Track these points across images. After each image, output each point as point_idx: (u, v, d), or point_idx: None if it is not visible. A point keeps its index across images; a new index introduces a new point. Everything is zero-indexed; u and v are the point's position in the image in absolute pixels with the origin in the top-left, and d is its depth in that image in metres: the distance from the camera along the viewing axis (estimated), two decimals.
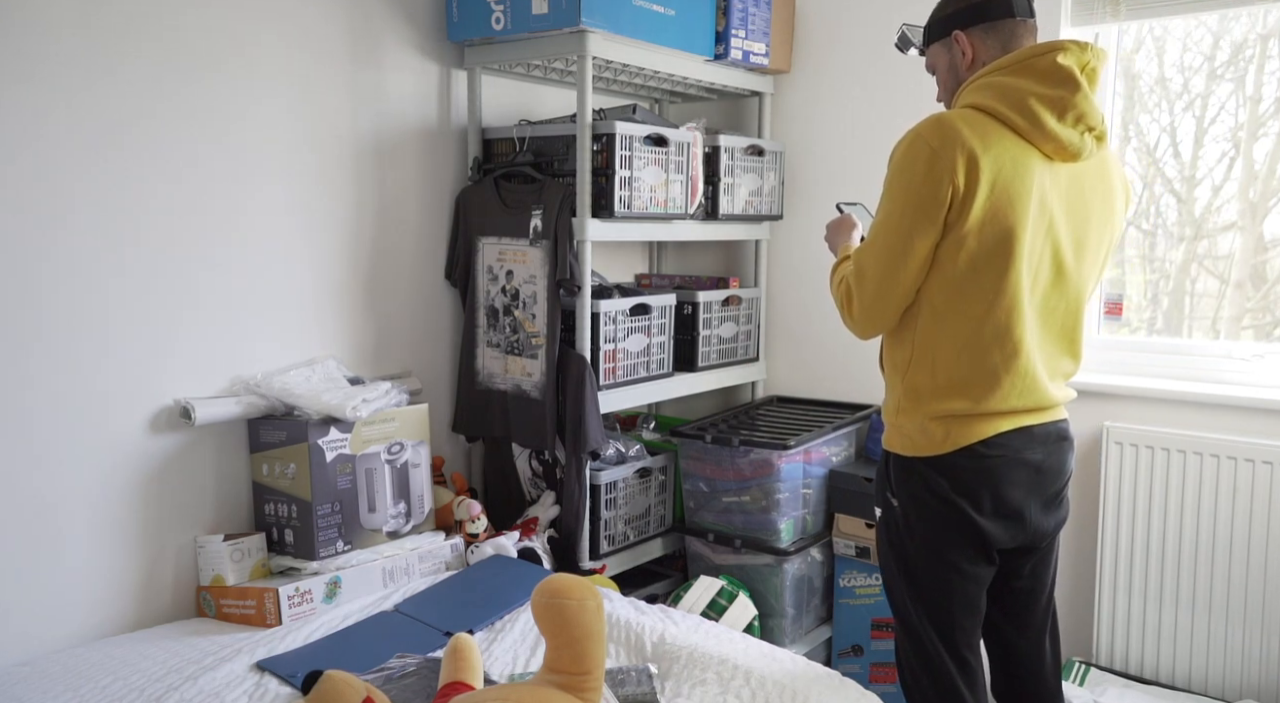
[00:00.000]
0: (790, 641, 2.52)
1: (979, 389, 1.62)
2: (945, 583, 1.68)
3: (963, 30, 1.69)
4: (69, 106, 1.88)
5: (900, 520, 1.71)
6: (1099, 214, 1.67)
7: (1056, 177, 1.60)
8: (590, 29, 2.28)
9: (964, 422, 1.63)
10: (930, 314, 1.63)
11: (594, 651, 1.44)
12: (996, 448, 1.63)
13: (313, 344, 2.32)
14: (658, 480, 2.71)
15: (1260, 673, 2.28)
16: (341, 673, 1.50)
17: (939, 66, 1.76)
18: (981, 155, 1.53)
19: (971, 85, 1.65)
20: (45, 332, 1.87)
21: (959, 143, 1.53)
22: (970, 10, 1.68)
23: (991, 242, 1.56)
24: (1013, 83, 1.59)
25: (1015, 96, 1.57)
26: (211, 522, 2.15)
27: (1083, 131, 1.60)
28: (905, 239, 1.58)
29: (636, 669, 1.78)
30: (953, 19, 1.71)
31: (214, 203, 2.11)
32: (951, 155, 1.53)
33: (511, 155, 2.52)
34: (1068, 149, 1.58)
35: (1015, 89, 1.58)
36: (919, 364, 1.66)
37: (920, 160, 1.55)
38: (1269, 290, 2.52)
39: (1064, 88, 1.57)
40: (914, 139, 1.58)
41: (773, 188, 2.92)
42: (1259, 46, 2.47)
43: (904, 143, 1.60)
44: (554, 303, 2.38)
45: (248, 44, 2.13)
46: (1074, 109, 1.57)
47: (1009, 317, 1.59)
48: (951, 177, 1.53)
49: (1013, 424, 1.64)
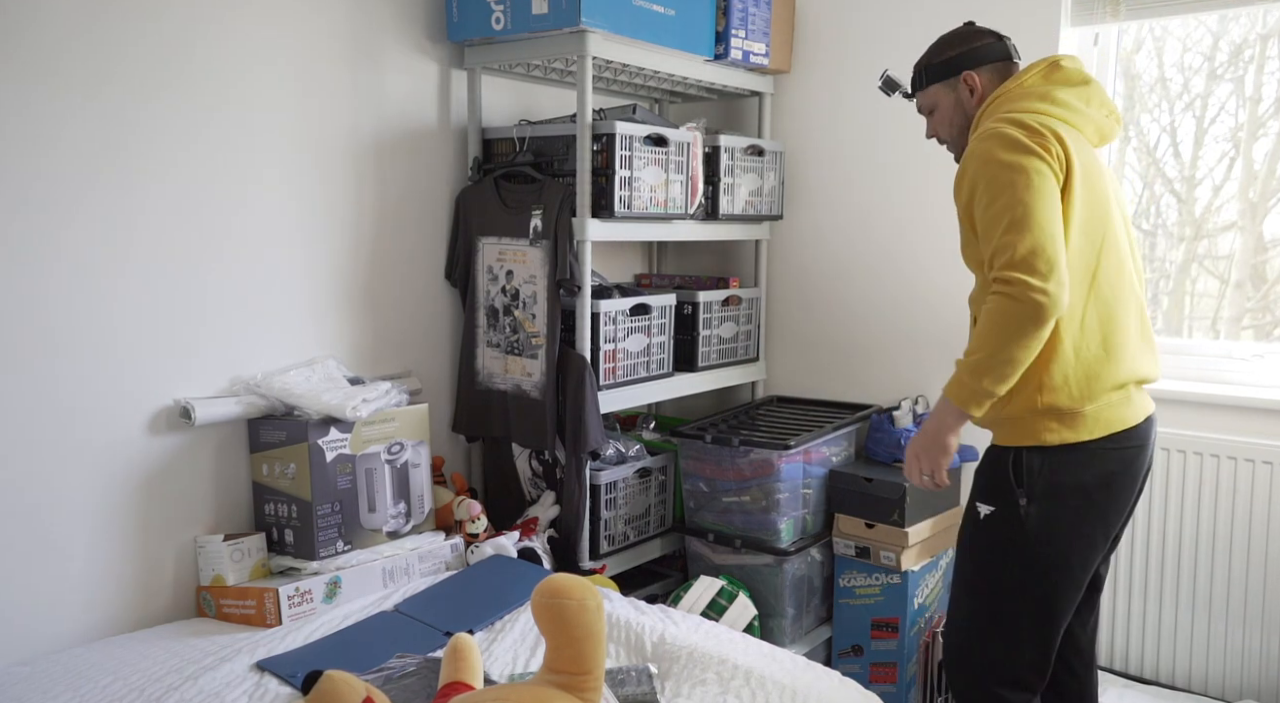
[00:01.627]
0: (790, 641, 2.52)
1: (1117, 363, 1.62)
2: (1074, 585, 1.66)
3: (971, 71, 1.83)
4: (69, 107, 1.88)
5: (1031, 519, 1.63)
6: (1119, 193, 1.80)
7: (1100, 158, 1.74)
8: (590, 29, 2.28)
9: (1109, 406, 1.62)
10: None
11: (594, 651, 1.44)
12: (1136, 438, 1.65)
13: (313, 344, 2.32)
14: (658, 480, 2.71)
15: (1260, 673, 2.28)
16: (341, 673, 1.50)
17: (940, 106, 1.88)
18: (1063, 134, 1.63)
19: (994, 103, 1.77)
20: (45, 332, 1.87)
21: (1039, 123, 1.63)
22: (978, 53, 1.84)
23: (1094, 210, 1.64)
24: (1039, 88, 1.73)
25: (1048, 96, 1.71)
26: (211, 522, 2.15)
27: (1107, 114, 1.77)
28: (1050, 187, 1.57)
29: (636, 669, 1.78)
30: (960, 61, 1.84)
31: (214, 203, 2.11)
32: (1041, 129, 1.61)
33: (511, 155, 2.52)
34: (1103, 130, 1.76)
35: (1045, 91, 1.72)
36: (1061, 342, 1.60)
37: (1016, 135, 1.61)
38: (1269, 290, 2.52)
39: (1082, 82, 1.74)
40: (994, 132, 1.63)
41: (773, 188, 2.92)
42: (1259, 47, 2.47)
43: (984, 144, 1.63)
44: (554, 303, 2.38)
45: (248, 44, 2.13)
46: (1096, 96, 1.75)
47: (1119, 285, 1.65)
48: (1053, 144, 1.60)
49: (1145, 412, 1.68)
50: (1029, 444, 1.64)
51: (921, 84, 1.91)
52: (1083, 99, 1.73)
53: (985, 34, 1.87)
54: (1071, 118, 1.69)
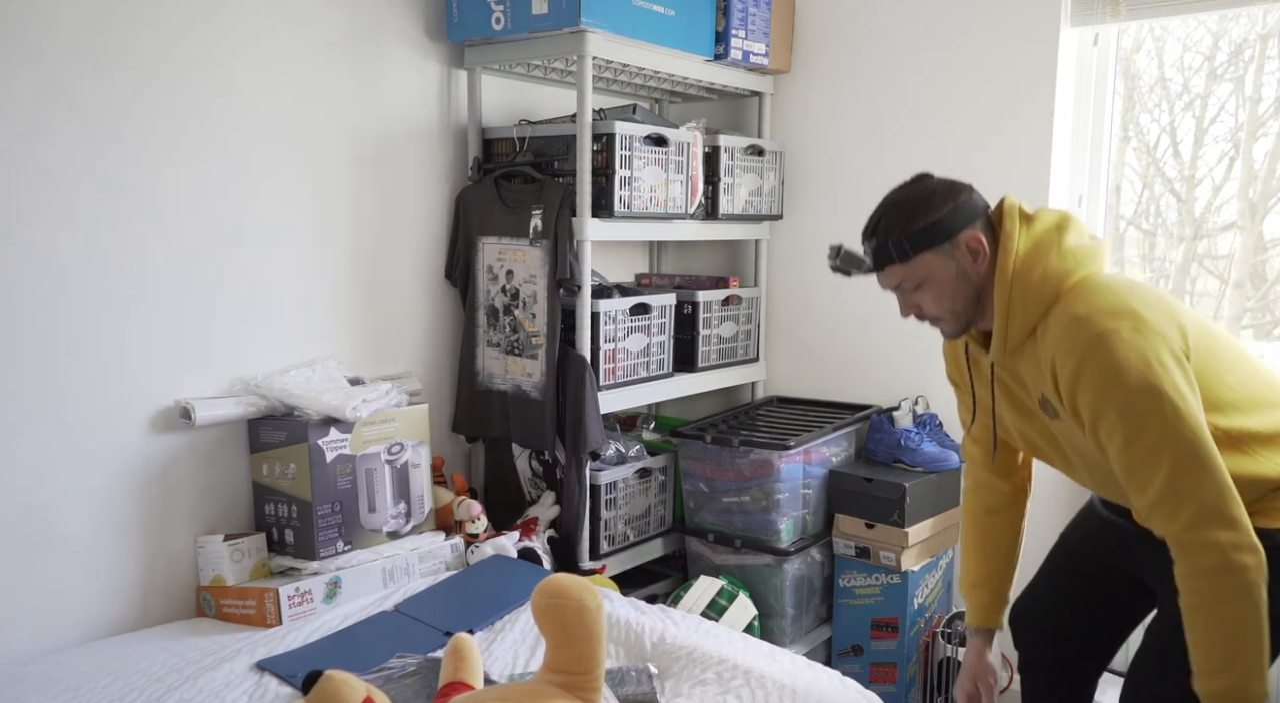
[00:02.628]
0: (790, 641, 2.52)
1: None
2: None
3: (967, 229, 1.58)
4: (69, 106, 1.88)
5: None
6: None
7: None
8: (590, 29, 2.28)
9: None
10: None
11: (594, 651, 1.44)
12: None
13: (313, 344, 2.32)
14: (658, 480, 2.71)
15: None
16: (341, 673, 1.50)
17: (934, 279, 1.60)
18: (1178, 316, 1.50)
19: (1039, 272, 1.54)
20: (45, 332, 1.88)
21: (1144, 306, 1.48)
22: (970, 207, 1.59)
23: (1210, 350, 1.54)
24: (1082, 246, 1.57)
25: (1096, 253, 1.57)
26: (211, 522, 2.15)
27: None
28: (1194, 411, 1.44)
29: (636, 669, 1.78)
30: (953, 220, 1.57)
31: (214, 203, 2.11)
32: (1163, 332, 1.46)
33: (511, 155, 2.52)
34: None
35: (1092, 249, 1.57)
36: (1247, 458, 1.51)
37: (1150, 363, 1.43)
38: (1269, 290, 2.52)
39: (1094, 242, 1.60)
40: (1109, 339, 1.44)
41: (773, 188, 2.92)
42: (1259, 47, 2.47)
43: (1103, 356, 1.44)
44: (554, 303, 2.38)
45: (248, 43, 2.13)
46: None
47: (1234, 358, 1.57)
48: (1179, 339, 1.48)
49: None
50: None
51: (905, 255, 1.58)
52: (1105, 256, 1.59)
53: (959, 185, 1.61)
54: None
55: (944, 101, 2.70)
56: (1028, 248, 1.57)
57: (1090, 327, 1.46)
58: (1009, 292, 1.56)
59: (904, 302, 1.66)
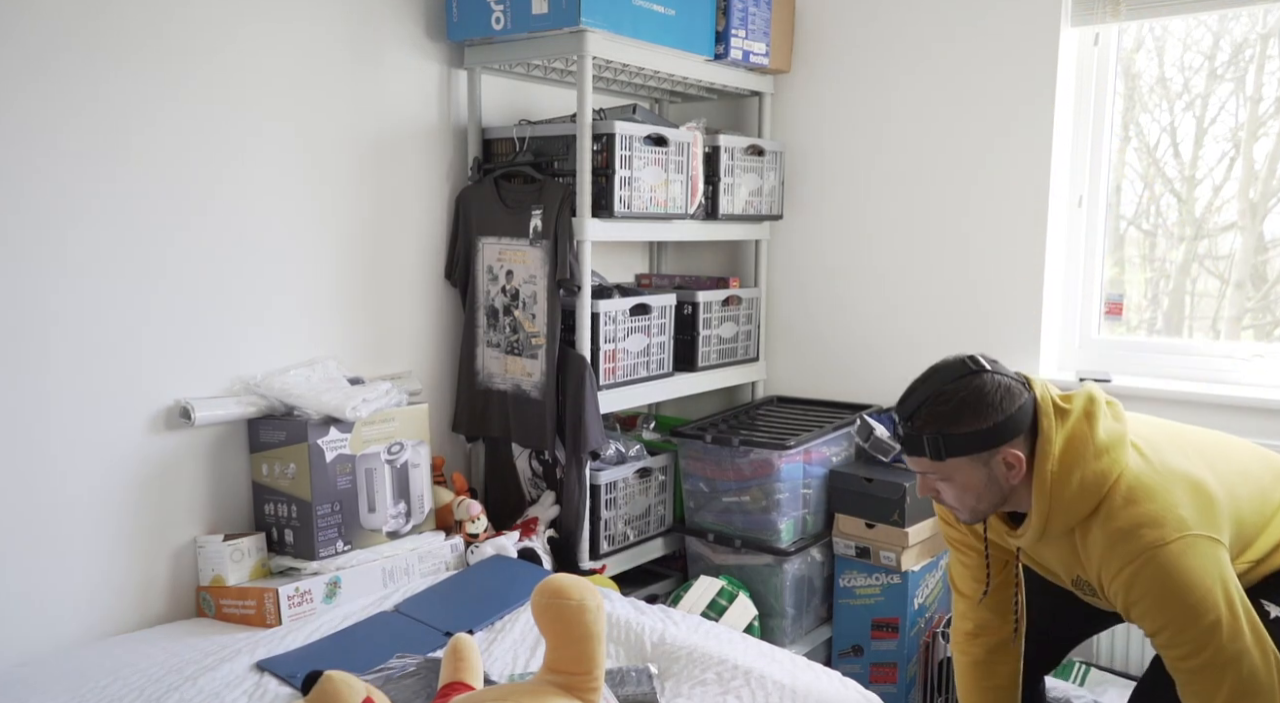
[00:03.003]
0: (790, 641, 2.52)
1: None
2: None
3: (1013, 444, 1.52)
4: (70, 107, 1.88)
5: None
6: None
7: None
8: (590, 29, 2.27)
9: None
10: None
11: (594, 651, 1.44)
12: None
13: (313, 344, 2.32)
14: (658, 480, 2.71)
15: None
16: (341, 673, 1.50)
17: (962, 480, 1.56)
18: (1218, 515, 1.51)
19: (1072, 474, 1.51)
20: (45, 332, 1.87)
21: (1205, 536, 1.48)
22: (1016, 420, 1.52)
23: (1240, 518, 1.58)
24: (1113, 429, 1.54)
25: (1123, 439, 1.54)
26: (211, 522, 2.15)
27: None
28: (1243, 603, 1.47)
29: (636, 669, 1.78)
30: (999, 433, 1.51)
31: (214, 203, 2.11)
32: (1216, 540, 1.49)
33: (511, 155, 2.52)
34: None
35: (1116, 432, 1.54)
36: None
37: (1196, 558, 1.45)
38: (1269, 290, 2.52)
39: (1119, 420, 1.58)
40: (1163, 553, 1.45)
41: (773, 188, 2.92)
42: (1259, 46, 2.47)
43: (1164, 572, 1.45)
44: (554, 303, 2.38)
45: (247, 44, 2.13)
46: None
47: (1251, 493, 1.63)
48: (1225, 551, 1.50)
49: None
50: None
51: (939, 455, 1.54)
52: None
53: (1014, 386, 1.54)
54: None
55: (944, 101, 2.70)
56: (1063, 448, 1.52)
57: (1138, 541, 1.46)
58: (1049, 499, 1.52)
59: (924, 483, 1.62)
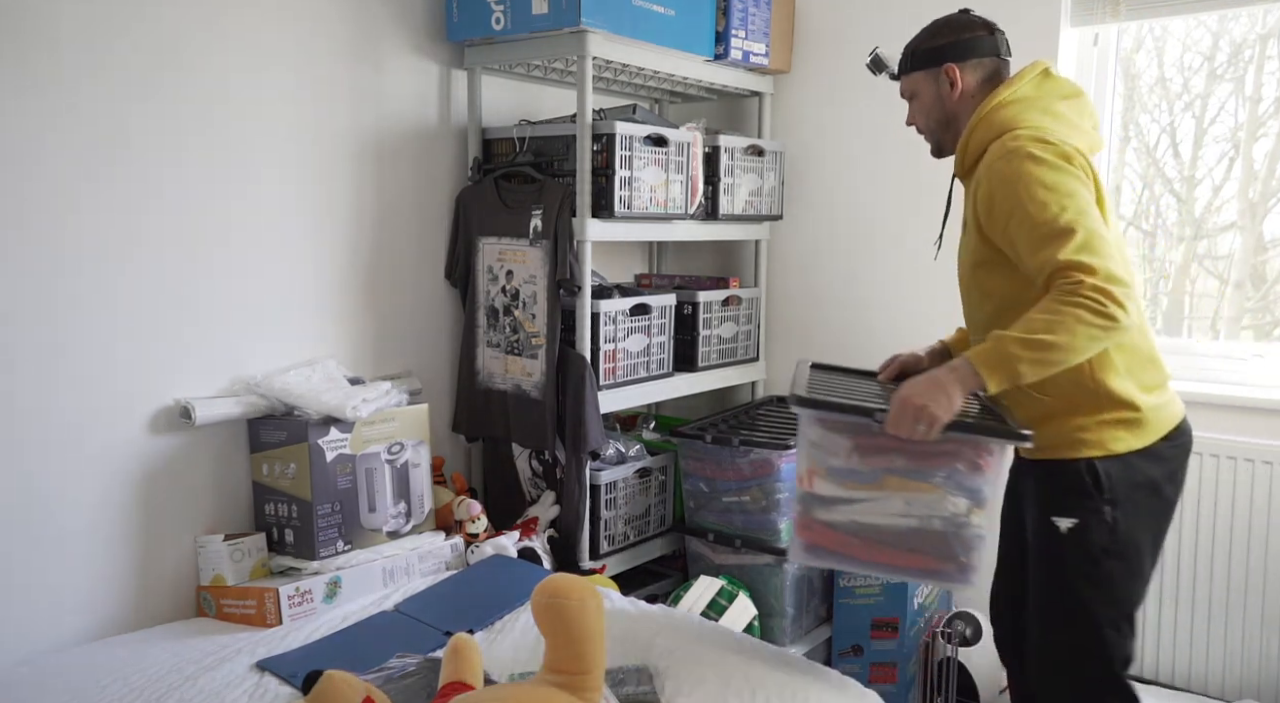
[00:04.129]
0: (790, 641, 2.52)
1: (1158, 367, 1.68)
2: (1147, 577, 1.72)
3: (955, 63, 1.77)
4: (71, 107, 1.88)
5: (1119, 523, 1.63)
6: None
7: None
8: (590, 29, 2.28)
9: (1162, 407, 1.67)
10: None
11: (594, 651, 1.44)
12: (1185, 433, 1.71)
13: (313, 344, 2.32)
14: (658, 480, 2.71)
15: (1260, 673, 2.28)
16: (341, 673, 1.50)
17: (921, 95, 1.83)
18: (1079, 145, 1.64)
19: (994, 113, 1.70)
20: (46, 332, 1.88)
21: (1063, 141, 1.61)
22: (964, 45, 1.77)
23: (1110, 220, 1.65)
24: (1038, 99, 1.71)
25: (1049, 109, 1.69)
26: (211, 522, 2.15)
27: (1095, 126, 1.76)
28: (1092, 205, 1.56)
29: (636, 669, 1.78)
30: (944, 51, 1.78)
31: (214, 203, 2.11)
32: (1067, 148, 1.60)
33: (511, 155, 2.52)
34: (1094, 144, 1.72)
35: (1044, 104, 1.69)
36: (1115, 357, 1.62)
37: (1047, 156, 1.58)
38: (1269, 290, 2.52)
39: (1075, 94, 1.74)
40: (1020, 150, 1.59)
41: (773, 188, 2.92)
42: (1259, 47, 2.47)
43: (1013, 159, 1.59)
44: (554, 303, 2.38)
45: (247, 44, 2.13)
46: (1088, 109, 1.75)
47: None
48: (1080, 159, 1.61)
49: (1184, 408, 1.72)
50: (1099, 454, 1.63)
51: (906, 69, 1.85)
52: (1077, 112, 1.72)
53: (977, 25, 1.80)
54: (1072, 134, 1.67)
55: None
56: (1005, 99, 1.71)
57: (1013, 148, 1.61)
58: (971, 129, 1.74)
59: (909, 113, 1.88)
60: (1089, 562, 1.65)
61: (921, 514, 1.63)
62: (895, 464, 1.63)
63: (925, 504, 1.62)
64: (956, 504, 1.61)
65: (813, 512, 1.69)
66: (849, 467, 1.65)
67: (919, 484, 1.62)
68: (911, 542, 1.65)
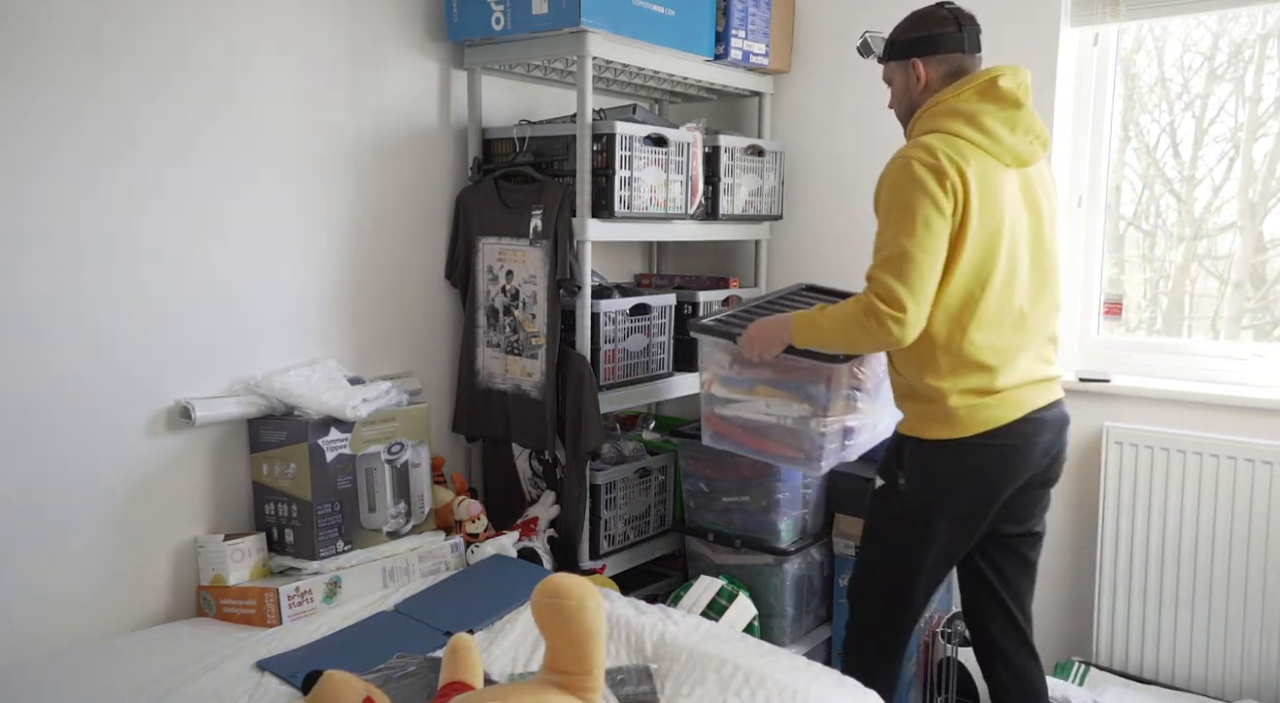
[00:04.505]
0: (790, 641, 2.52)
1: (992, 375, 1.82)
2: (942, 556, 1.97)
3: (920, 58, 1.91)
4: (69, 107, 1.88)
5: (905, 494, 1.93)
6: (1049, 208, 1.93)
7: (1017, 180, 1.86)
8: (590, 29, 2.28)
9: (982, 407, 1.83)
10: (941, 310, 1.80)
11: (594, 651, 1.44)
12: (1012, 434, 1.84)
13: (313, 344, 2.32)
14: (658, 481, 2.71)
15: (1260, 673, 2.28)
16: (341, 673, 1.50)
17: (895, 82, 1.98)
18: (966, 168, 1.76)
19: (929, 111, 1.87)
20: (46, 332, 1.88)
21: (948, 159, 1.75)
22: (929, 41, 1.90)
23: (986, 239, 1.79)
24: (967, 107, 1.83)
25: (973, 118, 1.81)
26: (211, 522, 2.15)
27: (1031, 141, 1.86)
28: (930, 225, 1.74)
29: (636, 669, 1.78)
30: (915, 46, 1.92)
31: (214, 203, 2.11)
32: (946, 165, 1.74)
33: (511, 155, 2.52)
34: (1023, 157, 1.85)
35: (971, 112, 1.82)
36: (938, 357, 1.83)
37: (920, 171, 1.75)
38: (1268, 290, 2.52)
39: (1012, 107, 1.83)
40: (906, 161, 1.77)
41: (773, 188, 2.92)
42: (1258, 47, 2.47)
43: (896, 168, 1.79)
44: (554, 303, 2.38)
45: (248, 44, 2.13)
46: (1024, 122, 1.84)
47: (1005, 304, 1.83)
48: (953, 185, 1.74)
49: (1024, 410, 1.85)
50: (912, 435, 1.90)
51: (884, 57, 1.99)
52: (1008, 125, 1.82)
53: (947, 20, 1.90)
54: (989, 146, 1.80)
55: None
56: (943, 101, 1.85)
57: (903, 152, 1.80)
58: (916, 120, 1.91)
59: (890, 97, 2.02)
60: (878, 519, 1.99)
61: (780, 414, 2.14)
62: (764, 376, 2.15)
63: (781, 406, 2.13)
64: (803, 409, 2.10)
65: (713, 408, 2.26)
66: (731, 375, 2.20)
67: (778, 392, 2.13)
68: (774, 435, 2.16)
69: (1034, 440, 1.86)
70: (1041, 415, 1.87)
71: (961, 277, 1.78)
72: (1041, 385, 1.89)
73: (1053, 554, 2.63)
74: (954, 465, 1.86)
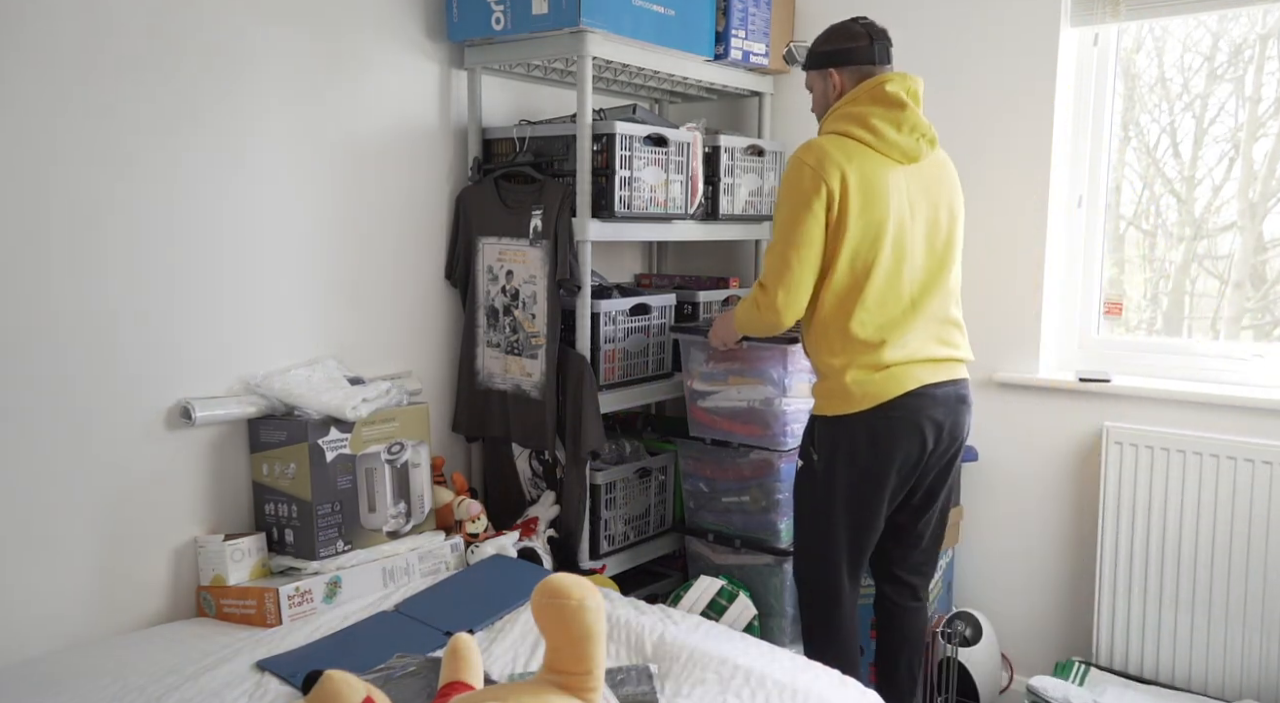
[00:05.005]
0: (790, 641, 2.52)
1: (877, 354, 2.00)
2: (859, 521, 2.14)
3: (836, 68, 2.10)
4: (66, 107, 1.88)
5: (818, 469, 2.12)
6: (946, 199, 2.12)
7: (907, 175, 2.05)
8: (590, 29, 2.28)
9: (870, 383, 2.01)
10: (830, 295, 2.02)
11: (594, 651, 1.44)
12: (899, 406, 2.01)
13: (313, 344, 2.32)
14: (658, 481, 2.71)
15: (1260, 673, 2.28)
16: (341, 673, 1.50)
17: (815, 89, 2.17)
18: (847, 166, 1.98)
19: (832, 115, 2.08)
20: (46, 332, 1.88)
21: (830, 160, 1.98)
22: (842, 54, 2.09)
23: (868, 231, 1.99)
24: (859, 110, 2.03)
25: (863, 120, 2.02)
26: (211, 522, 2.15)
27: (917, 138, 2.05)
28: (806, 233, 1.99)
29: (636, 669, 1.78)
30: (828, 57, 2.11)
31: (215, 202, 2.11)
32: (827, 169, 1.97)
33: (511, 155, 2.52)
34: (908, 153, 2.04)
35: (861, 114, 2.03)
36: (831, 337, 2.04)
37: (804, 177, 1.99)
38: (1268, 290, 2.52)
39: (896, 108, 2.02)
40: (797, 162, 2.01)
41: (773, 188, 2.91)
42: (1258, 47, 2.47)
43: (789, 167, 2.03)
44: (554, 303, 2.38)
45: (248, 44, 2.13)
46: (907, 122, 2.03)
47: (891, 288, 2.01)
48: (829, 185, 1.97)
49: (909, 386, 2.01)
50: (818, 414, 2.10)
51: (806, 65, 2.18)
52: (894, 124, 2.02)
53: (860, 35, 2.09)
54: (876, 143, 2.01)
55: (944, 101, 2.69)
56: (840, 107, 2.06)
57: (797, 153, 2.03)
58: (824, 120, 2.12)
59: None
60: (800, 498, 2.17)
61: (749, 398, 2.44)
62: (735, 367, 2.46)
63: (750, 391, 2.44)
64: (768, 390, 2.40)
65: (696, 402, 2.56)
66: (708, 371, 2.51)
67: (747, 379, 2.44)
68: (746, 418, 2.46)
69: (923, 414, 2.03)
70: (931, 391, 2.04)
71: (845, 263, 1.99)
72: (935, 365, 2.06)
73: (1053, 554, 2.63)
74: (850, 437, 2.04)
